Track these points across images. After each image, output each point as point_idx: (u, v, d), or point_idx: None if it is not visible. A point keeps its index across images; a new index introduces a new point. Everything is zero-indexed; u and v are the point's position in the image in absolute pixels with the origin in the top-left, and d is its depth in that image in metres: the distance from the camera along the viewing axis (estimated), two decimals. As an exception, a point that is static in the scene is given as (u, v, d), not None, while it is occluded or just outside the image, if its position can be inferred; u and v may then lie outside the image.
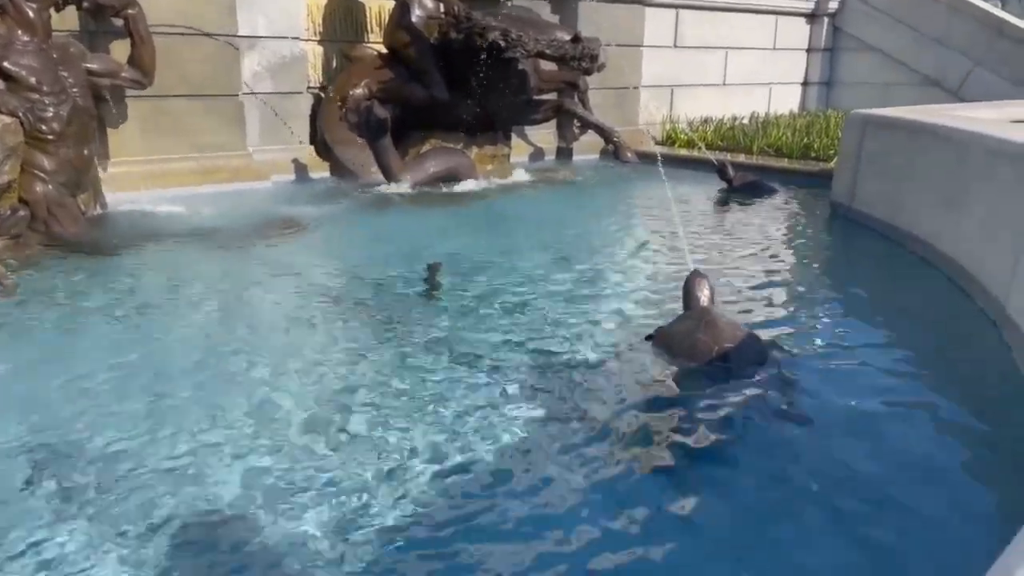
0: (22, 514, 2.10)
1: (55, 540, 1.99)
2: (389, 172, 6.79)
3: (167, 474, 2.32)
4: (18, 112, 4.76)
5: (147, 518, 2.10)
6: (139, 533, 2.04)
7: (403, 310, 3.79)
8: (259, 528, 2.07)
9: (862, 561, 2.01)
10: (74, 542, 1.99)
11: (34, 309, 3.67)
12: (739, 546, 2.07)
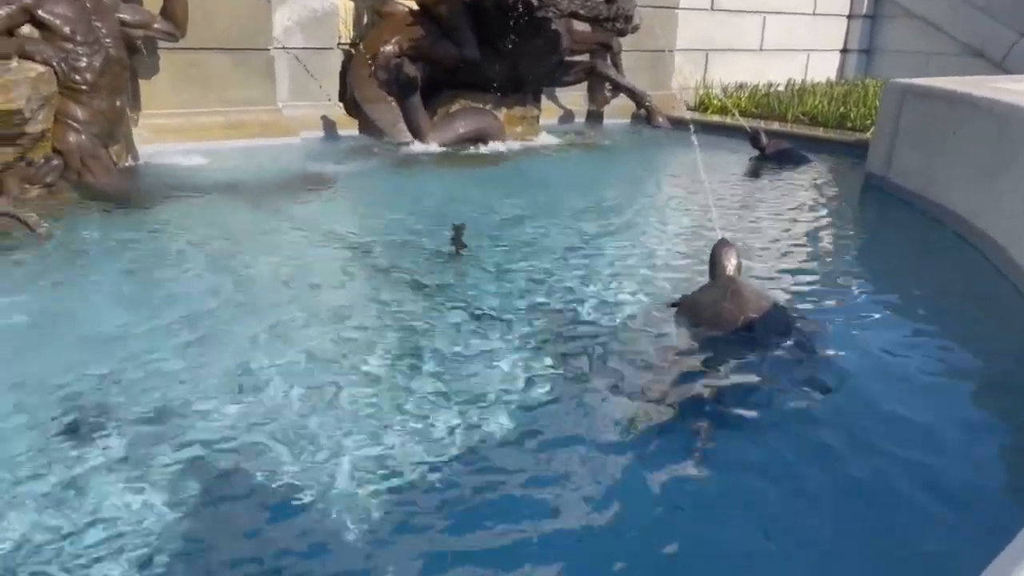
0: (55, 458, 2.15)
1: (87, 483, 2.04)
2: (417, 131, 6.76)
3: (193, 418, 2.36)
4: (52, 61, 4.78)
5: (173, 460, 2.15)
6: (164, 475, 2.08)
7: (427, 269, 3.80)
8: (283, 472, 2.11)
9: (883, 536, 2.01)
10: (104, 484, 2.04)
11: (65, 256, 3.73)
12: (759, 517, 2.07)
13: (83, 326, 3.00)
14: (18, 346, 2.79)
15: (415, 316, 3.23)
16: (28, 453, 2.15)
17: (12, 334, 2.89)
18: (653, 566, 1.86)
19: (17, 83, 4.21)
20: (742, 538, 1.98)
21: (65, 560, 1.77)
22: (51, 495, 1.99)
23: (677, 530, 1.99)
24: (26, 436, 2.23)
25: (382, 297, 3.45)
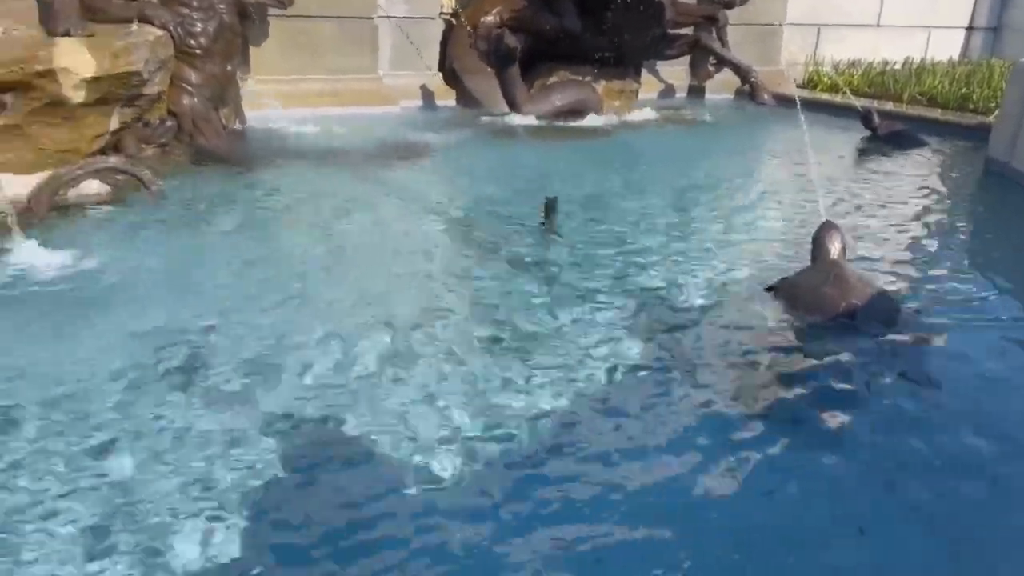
0: (156, 398, 2.27)
1: (185, 423, 2.15)
2: (514, 103, 6.74)
3: (286, 371, 2.44)
4: (169, 26, 4.98)
5: (265, 410, 2.23)
6: (255, 423, 2.17)
7: (517, 241, 3.80)
8: (360, 431, 2.16)
9: (967, 547, 1.89)
10: (202, 424, 2.14)
11: (177, 212, 3.90)
12: (849, 523, 1.98)
13: (189, 279, 3.14)
14: (128, 296, 2.95)
15: (502, 288, 3.23)
16: (136, 396, 2.27)
17: (122, 285, 3.04)
18: (731, 565, 1.80)
19: (137, 46, 4.39)
20: (829, 543, 1.90)
21: (167, 496, 1.86)
22: (155, 435, 2.09)
23: (753, 521, 1.93)
24: (134, 381, 2.35)
25: (470, 267, 3.47)
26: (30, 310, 2.79)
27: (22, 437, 2.05)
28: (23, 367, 2.38)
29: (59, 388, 2.27)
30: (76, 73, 3.98)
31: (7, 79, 3.82)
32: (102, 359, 2.44)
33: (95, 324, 2.69)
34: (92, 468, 1.94)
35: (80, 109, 4.11)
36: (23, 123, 4.00)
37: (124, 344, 2.55)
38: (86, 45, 4.10)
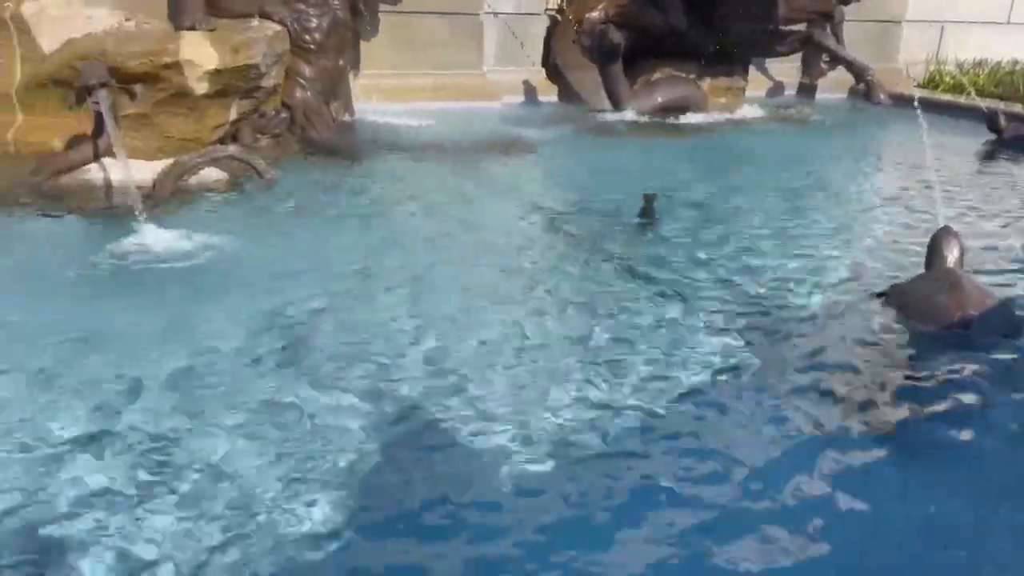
0: (262, 377, 2.37)
1: (289, 403, 2.24)
2: (617, 99, 6.69)
3: (386, 357, 2.51)
4: (287, 21, 5.18)
5: (364, 393, 2.30)
6: (355, 405, 2.24)
7: (614, 238, 3.78)
8: (456, 419, 2.20)
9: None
10: (306, 405, 2.22)
11: (288, 200, 4.07)
12: (953, 536, 1.88)
13: (297, 263, 3.27)
14: (240, 277, 3.10)
15: (598, 285, 3.22)
16: (243, 374, 2.39)
17: (236, 266, 3.20)
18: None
19: (256, 40, 4.60)
20: (929, 552, 1.81)
21: (269, 473, 1.95)
22: (260, 412, 2.19)
23: (854, 535, 1.85)
24: (242, 359, 2.47)
25: (567, 262, 3.47)
26: (150, 288, 2.97)
27: (136, 409, 2.18)
28: (140, 342, 2.53)
29: (172, 363, 2.40)
30: (200, 66, 4.21)
31: (138, 70, 4.08)
32: (213, 337, 2.57)
33: (209, 303, 2.84)
34: (195, 443, 2.04)
35: (202, 100, 4.34)
36: (151, 113, 4.26)
37: (235, 323, 2.67)
38: (209, 39, 4.32)
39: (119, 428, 2.08)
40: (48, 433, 2.04)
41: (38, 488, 1.85)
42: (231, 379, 2.34)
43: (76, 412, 2.13)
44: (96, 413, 2.13)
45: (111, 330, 2.60)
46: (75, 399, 2.19)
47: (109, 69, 3.81)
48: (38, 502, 1.80)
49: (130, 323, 2.66)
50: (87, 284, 2.97)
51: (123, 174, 3.70)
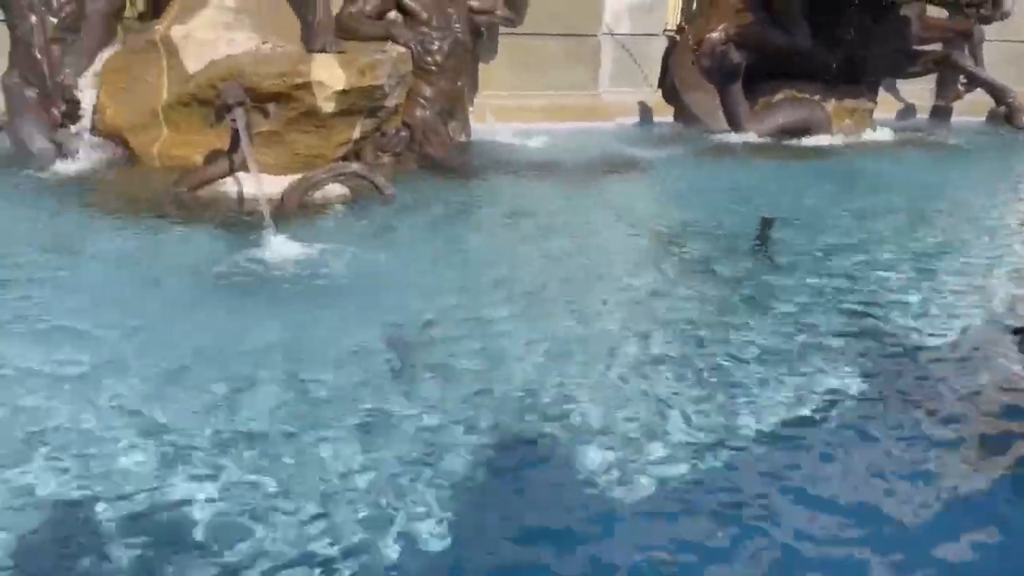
0: (375, 384, 2.45)
1: (398, 411, 2.30)
2: (736, 120, 6.55)
3: (494, 372, 2.55)
4: (410, 44, 5.35)
5: (472, 404, 2.34)
6: (463, 416, 2.27)
7: (729, 261, 3.69)
8: (566, 433, 2.21)
9: None
10: (414, 416, 2.27)
11: (406, 215, 4.20)
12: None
13: (413, 276, 3.38)
14: (358, 287, 3.21)
15: (709, 307, 3.16)
16: (357, 380, 2.47)
17: (355, 277, 3.32)
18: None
19: (382, 62, 4.77)
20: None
21: (380, 481, 2.00)
22: (365, 421, 2.26)
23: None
24: (357, 366, 2.56)
25: (680, 285, 3.42)
26: (276, 294, 3.13)
27: (250, 409, 2.29)
28: (264, 343, 2.67)
29: (288, 366, 2.52)
30: (328, 86, 4.40)
31: (272, 89, 4.32)
32: (331, 343, 2.68)
33: (329, 310, 2.97)
34: (302, 447, 2.12)
35: (329, 119, 4.53)
36: (282, 130, 4.49)
37: (349, 332, 2.78)
38: (338, 61, 4.52)
39: (232, 427, 2.19)
40: (166, 428, 2.17)
41: (162, 479, 1.97)
42: (342, 386, 2.43)
43: (196, 409, 2.26)
44: (214, 411, 2.26)
45: (235, 332, 2.76)
46: (196, 396, 2.33)
47: (246, 89, 4.05)
48: (161, 492, 1.92)
49: (253, 327, 2.81)
50: (217, 289, 3.16)
51: (255, 187, 3.92)
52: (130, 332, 2.73)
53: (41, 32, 5.25)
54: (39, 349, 2.58)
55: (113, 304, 2.98)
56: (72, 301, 2.97)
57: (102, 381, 2.40)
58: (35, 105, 5.27)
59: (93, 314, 2.85)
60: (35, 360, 2.50)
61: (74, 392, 2.34)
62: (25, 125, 5.23)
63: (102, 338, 2.68)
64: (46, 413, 2.23)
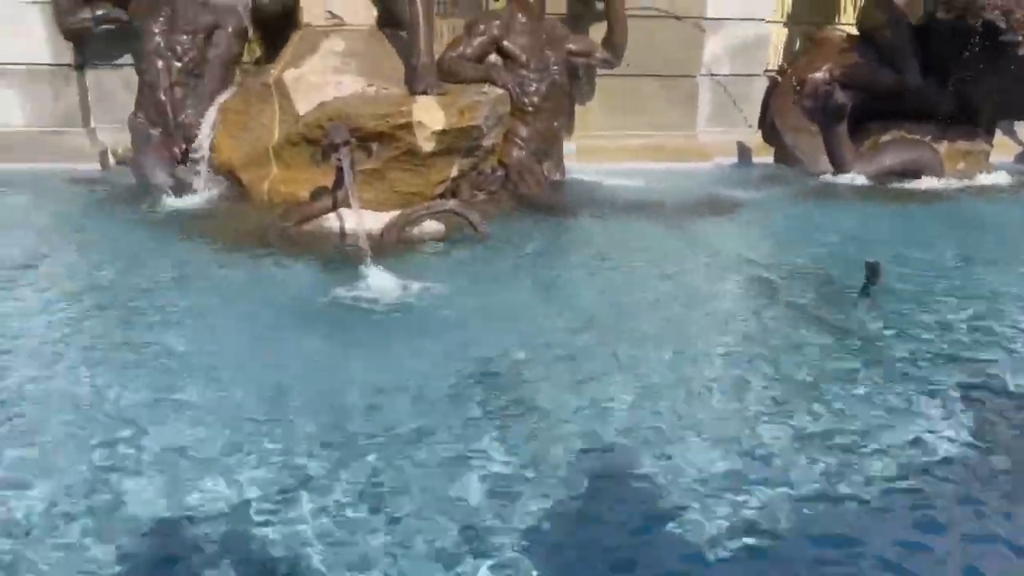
0: (460, 418, 2.46)
1: (482, 448, 2.29)
2: (840, 161, 6.36)
3: (581, 410, 2.52)
4: (509, 85, 5.47)
5: (559, 436, 2.32)
6: (548, 447, 2.25)
7: (830, 306, 3.55)
8: (651, 471, 2.15)
9: None
10: (494, 458, 2.27)
11: (500, 253, 4.24)
12: None
13: (506, 311, 3.40)
14: (451, 324, 3.25)
15: (808, 353, 3.04)
16: (447, 416, 2.48)
17: (449, 311, 3.36)
18: None
19: (480, 104, 4.89)
20: None
21: (449, 513, 2.00)
22: (455, 458, 2.26)
23: None
24: (449, 402, 2.58)
25: (776, 329, 3.31)
26: (372, 326, 3.20)
27: (346, 438, 2.33)
28: (357, 375, 2.73)
29: (382, 398, 2.57)
30: (429, 126, 4.54)
31: (376, 129, 4.48)
32: (424, 376, 2.71)
33: (423, 344, 3.01)
34: (398, 479, 2.14)
35: (429, 158, 4.66)
36: (383, 168, 4.64)
37: (445, 365, 2.81)
38: (439, 103, 4.66)
39: (324, 456, 2.23)
40: (262, 451, 2.24)
41: (276, 494, 2.02)
42: (435, 421, 2.44)
43: (288, 435, 2.33)
44: (305, 439, 2.32)
45: (330, 362, 2.84)
46: (290, 424, 2.40)
47: (351, 129, 4.21)
48: (264, 513, 1.97)
49: (347, 358, 2.88)
50: (316, 319, 3.26)
51: (356, 223, 4.05)
52: (228, 358, 2.85)
53: (166, 76, 5.65)
54: (142, 372, 2.73)
55: (215, 330, 3.13)
56: (177, 326, 3.14)
57: (202, 404, 2.50)
58: (158, 143, 5.67)
59: (196, 339, 3.00)
60: (140, 383, 2.64)
61: (175, 415, 2.45)
62: (148, 161, 5.62)
63: (202, 363, 2.80)
64: (148, 434, 2.33)
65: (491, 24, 5.58)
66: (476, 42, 5.52)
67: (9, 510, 1.99)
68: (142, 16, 5.76)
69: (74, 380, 2.67)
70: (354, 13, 5.21)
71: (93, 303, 3.39)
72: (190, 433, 2.34)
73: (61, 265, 3.90)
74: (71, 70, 6.08)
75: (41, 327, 3.13)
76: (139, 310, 3.30)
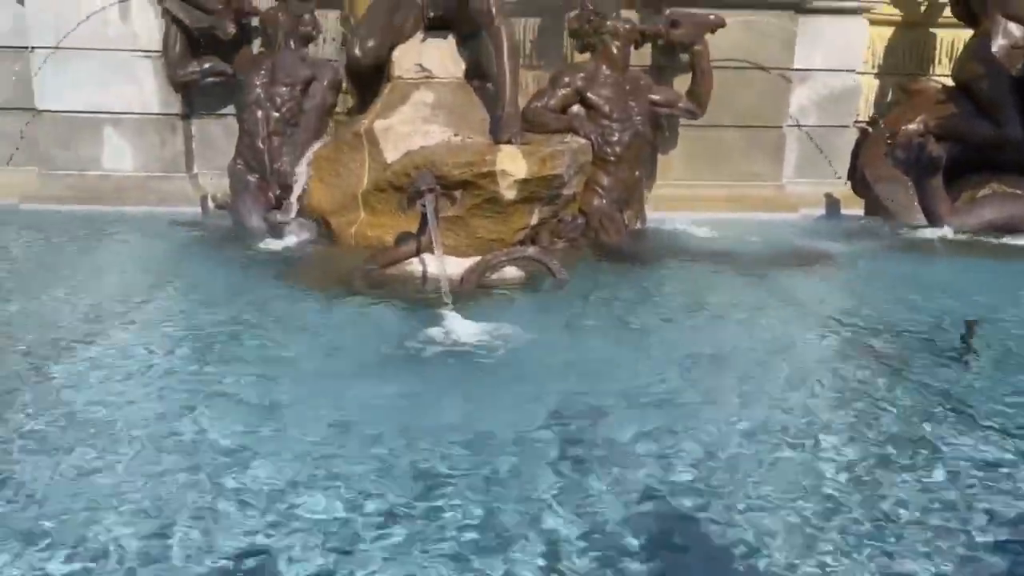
0: (536, 469, 2.44)
1: (577, 506, 2.27)
2: (934, 215, 6.14)
3: (660, 455, 2.49)
4: (591, 136, 5.53)
5: (633, 488, 2.27)
6: (631, 496, 2.21)
7: (925, 366, 3.39)
8: (726, 525, 2.08)
9: None
10: (592, 511, 2.24)
11: (579, 300, 4.23)
12: None
13: (585, 360, 3.38)
14: (530, 371, 3.25)
15: (902, 414, 2.90)
16: (526, 463, 2.47)
17: (527, 358, 3.37)
18: None
19: (562, 153, 4.95)
20: None
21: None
22: (533, 509, 2.25)
23: None
24: (527, 449, 2.57)
25: (870, 386, 3.18)
26: (451, 370, 3.23)
27: (422, 480, 2.35)
28: (436, 418, 2.76)
29: (457, 441, 2.58)
30: (511, 175, 4.61)
31: (460, 178, 4.58)
32: (501, 423, 2.71)
33: (501, 390, 3.03)
34: (475, 524, 2.14)
35: (510, 206, 4.73)
36: (465, 215, 4.74)
37: (522, 412, 2.80)
38: (521, 151, 4.74)
39: (402, 496, 2.25)
40: (341, 489, 2.28)
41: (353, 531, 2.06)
42: (514, 469, 2.44)
43: (368, 475, 2.36)
44: (384, 478, 2.35)
45: (409, 404, 2.88)
46: (367, 464, 2.43)
47: (437, 177, 4.32)
48: (341, 554, 2.01)
49: (426, 401, 2.92)
50: (396, 361, 3.32)
51: (437, 268, 4.13)
52: (308, 396, 2.93)
53: (265, 126, 5.96)
54: (228, 408, 2.83)
55: (299, 368, 3.22)
56: (264, 365, 3.24)
57: (286, 443, 2.57)
58: (254, 189, 5.96)
59: (282, 379, 3.08)
60: (229, 420, 2.73)
61: (260, 449, 2.53)
62: (244, 206, 5.91)
63: (283, 399, 2.89)
64: (230, 470, 2.41)
65: (575, 76, 5.68)
66: (560, 93, 5.62)
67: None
68: (245, 69, 6.12)
69: (166, 416, 2.78)
70: (443, 67, 5.38)
71: (187, 341, 3.55)
72: (275, 470, 2.40)
73: (160, 305, 4.10)
74: (178, 119, 6.47)
75: (137, 364, 3.28)
76: (229, 349, 3.43)
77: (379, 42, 5.28)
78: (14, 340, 3.50)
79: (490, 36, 4.98)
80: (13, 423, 2.69)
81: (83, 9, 6.08)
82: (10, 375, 3.11)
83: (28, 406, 2.83)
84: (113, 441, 2.58)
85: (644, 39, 6.13)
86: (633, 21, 6.06)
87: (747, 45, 6.44)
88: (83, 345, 3.42)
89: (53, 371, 3.15)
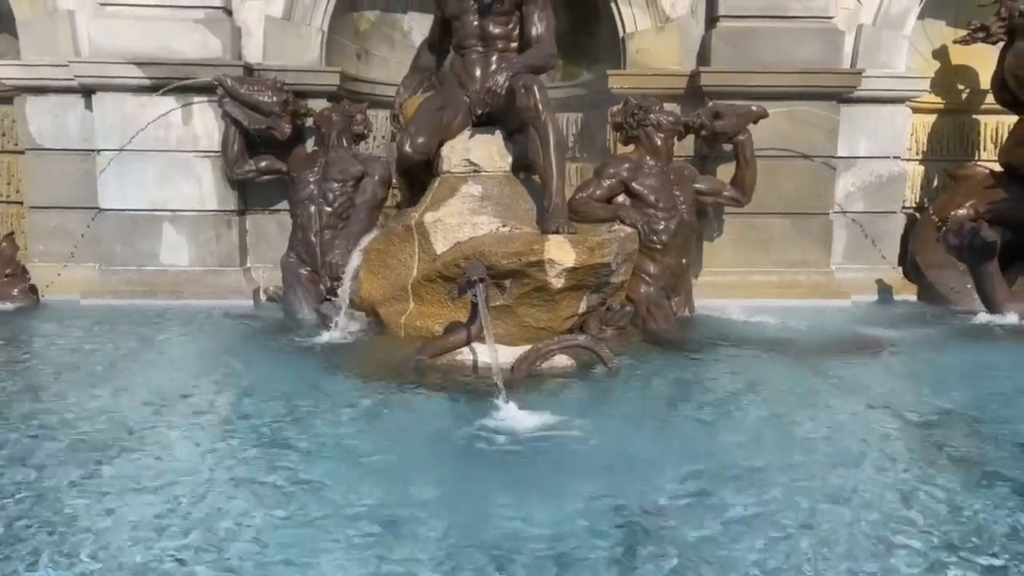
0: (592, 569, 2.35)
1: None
2: (992, 301, 5.99)
3: (723, 556, 2.37)
4: (637, 224, 5.57)
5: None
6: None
7: (992, 457, 3.25)
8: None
9: None
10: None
11: (631, 389, 4.18)
12: None
13: (639, 450, 3.30)
14: (585, 462, 3.18)
15: (967, 508, 2.76)
16: (579, 559, 2.39)
17: (581, 450, 3.30)
18: None
19: (609, 242, 4.98)
20: None
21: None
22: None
23: None
24: (581, 544, 2.48)
25: (938, 479, 3.03)
26: (503, 461, 3.18)
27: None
28: (488, 509, 2.70)
29: (509, 530, 2.52)
30: (559, 264, 4.64)
31: (509, 267, 4.62)
32: (554, 516, 2.64)
33: (553, 481, 2.95)
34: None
35: (559, 294, 4.74)
36: (514, 304, 4.75)
37: (576, 504, 2.73)
38: (569, 241, 4.78)
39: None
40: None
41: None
42: (565, 564, 2.36)
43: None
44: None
45: (461, 494, 2.84)
46: (419, 552, 2.37)
47: (486, 267, 4.37)
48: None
49: (479, 492, 2.86)
50: (448, 451, 3.28)
51: (488, 357, 4.12)
52: (359, 484, 2.90)
53: (317, 220, 6.14)
54: (276, 495, 2.82)
55: (353, 461, 3.18)
56: (316, 455, 3.22)
57: (340, 533, 2.53)
58: (306, 280, 6.10)
59: (333, 469, 3.06)
60: (280, 510, 2.71)
61: (313, 534, 2.49)
62: (295, 298, 6.03)
63: (334, 487, 2.87)
64: (280, 553, 2.37)
65: (620, 167, 5.77)
66: (606, 184, 5.71)
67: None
68: (299, 167, 6.35)
69: (215, 505, 2.77)
70: (490, 160, 5.51)
71: (239, 430, 3.56)
72: (328, 561, 2.36)
73: (213, 393, 4.14)
74: (234, 215, 6.70)
75: (189, 452, 3.29)
76: (281, 438, 3.43)
77: (429, 138, 5.43)
78: (79, 432, 3.53)
79: (536, 130, 5.11)
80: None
81: (148, 114, 6.42)
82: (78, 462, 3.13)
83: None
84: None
85: (687, 131, 6.24)
86: (676, 113, 6.19)
87: (791, 134, 6.51)
88: (149, 430, 3.48)
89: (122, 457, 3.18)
